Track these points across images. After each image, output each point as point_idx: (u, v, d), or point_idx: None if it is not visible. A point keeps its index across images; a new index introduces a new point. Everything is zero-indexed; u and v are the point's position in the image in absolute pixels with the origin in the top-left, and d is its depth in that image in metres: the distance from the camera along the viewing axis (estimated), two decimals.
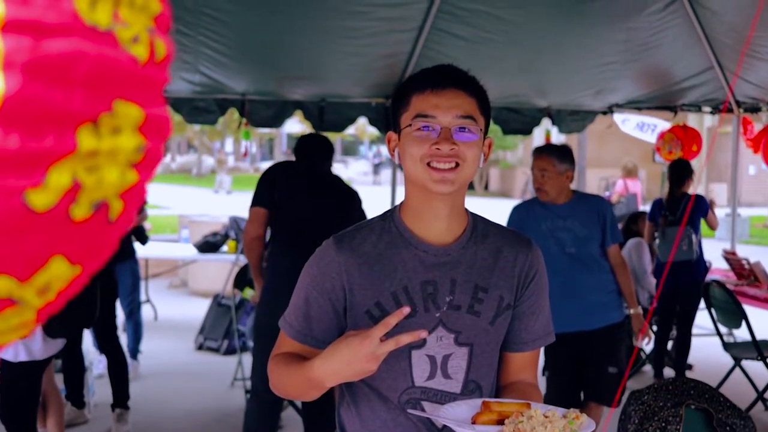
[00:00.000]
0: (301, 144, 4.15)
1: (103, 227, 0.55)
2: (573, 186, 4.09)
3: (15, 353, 3.46)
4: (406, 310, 1.39)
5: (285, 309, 1.65)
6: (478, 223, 1.64)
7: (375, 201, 10.02)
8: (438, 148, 1.48)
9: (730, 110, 6.58)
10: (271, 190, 3.85)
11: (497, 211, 6.93)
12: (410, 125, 1.52)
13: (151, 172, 0.57)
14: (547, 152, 3.96)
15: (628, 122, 7.84)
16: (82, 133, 0.51)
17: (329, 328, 1.57)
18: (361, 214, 4.04)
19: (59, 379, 4.61)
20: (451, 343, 1.55)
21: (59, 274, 0.54)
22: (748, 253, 7.74)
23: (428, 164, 1.49)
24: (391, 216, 1.61)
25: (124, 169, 0.54)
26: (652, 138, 7.67)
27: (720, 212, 15.42)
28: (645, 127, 7.79)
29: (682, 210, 5.76)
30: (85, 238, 0.54)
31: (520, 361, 1.66)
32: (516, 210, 4.11)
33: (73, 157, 0.51)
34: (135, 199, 0.57)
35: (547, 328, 1.68)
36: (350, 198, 4.06)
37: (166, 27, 0.55)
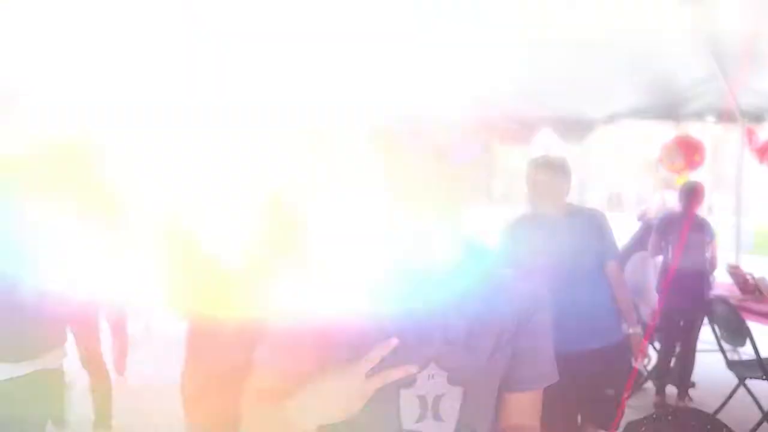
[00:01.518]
0: None
1: None
2: (575, 196, 3.95)
3: None
4: (394, 341, 1.24)
5: None
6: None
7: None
8: None
9: (733, 119, 6.46)
10: None
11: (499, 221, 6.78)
12: None
13: None
14: (544, 164, 3.82)
15: (629, 136, 7.71)
16: None
17: (309, 363, 1.41)
18: None
19: None
20: (443, 382, 1.39)
21: None
22: (752, 264, 7.60)
23: None
24: None
25: None
26: (654, 152, 7.55)
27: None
28: (648, 140, 7.67)
29: (697, 224, 5.83)
30: None
31: (520, 402, 1.51)
32: (511, 224, 3.95)
33: None
34: None
35: (551, 366, 1.53)
36: None
37: None
